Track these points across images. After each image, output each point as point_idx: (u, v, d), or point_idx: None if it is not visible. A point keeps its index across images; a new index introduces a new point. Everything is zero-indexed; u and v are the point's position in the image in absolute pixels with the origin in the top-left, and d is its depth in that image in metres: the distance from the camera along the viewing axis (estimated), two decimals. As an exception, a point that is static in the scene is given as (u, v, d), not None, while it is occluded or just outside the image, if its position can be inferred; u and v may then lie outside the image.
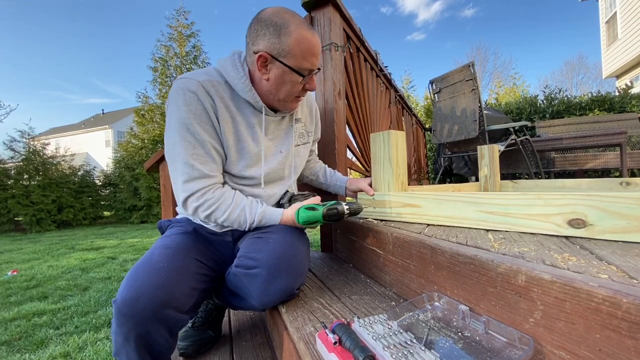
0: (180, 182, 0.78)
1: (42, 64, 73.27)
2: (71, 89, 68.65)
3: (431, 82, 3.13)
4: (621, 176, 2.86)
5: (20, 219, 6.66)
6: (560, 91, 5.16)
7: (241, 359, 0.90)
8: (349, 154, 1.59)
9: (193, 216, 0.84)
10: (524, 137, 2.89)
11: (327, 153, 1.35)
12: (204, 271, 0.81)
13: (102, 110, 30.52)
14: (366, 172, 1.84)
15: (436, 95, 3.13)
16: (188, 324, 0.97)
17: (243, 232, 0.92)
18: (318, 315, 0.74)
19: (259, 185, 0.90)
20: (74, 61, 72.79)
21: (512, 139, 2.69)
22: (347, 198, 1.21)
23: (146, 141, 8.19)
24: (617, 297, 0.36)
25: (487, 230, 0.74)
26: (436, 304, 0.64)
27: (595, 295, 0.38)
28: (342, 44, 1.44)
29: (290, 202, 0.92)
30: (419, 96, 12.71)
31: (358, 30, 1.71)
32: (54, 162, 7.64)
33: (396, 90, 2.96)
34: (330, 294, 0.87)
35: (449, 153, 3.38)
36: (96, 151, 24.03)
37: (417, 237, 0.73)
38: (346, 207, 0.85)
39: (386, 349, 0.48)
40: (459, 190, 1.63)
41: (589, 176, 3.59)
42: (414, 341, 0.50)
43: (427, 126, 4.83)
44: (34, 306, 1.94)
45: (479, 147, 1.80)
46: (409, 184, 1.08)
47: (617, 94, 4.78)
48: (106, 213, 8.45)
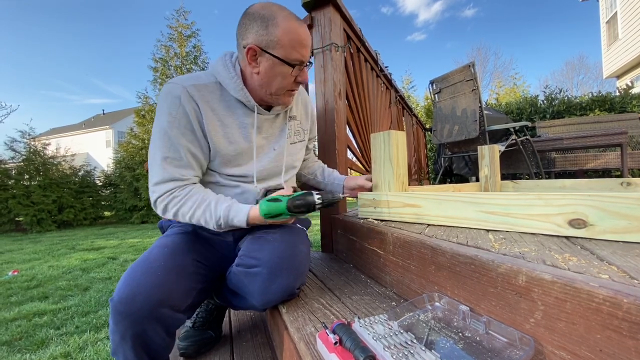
0: (152, 184, 0.79)
1: (43, 64, 73.48)
2: (72, 89, 68.86)
3: (431, 83, 3.13)
4: (622, 176, 2.86)
5: (20, 219, 6.66)
6: (560, 91, 5.15)
7: (241, 359, 0.90)
8: (349, 154, 1.59)
9: (164, 216, 0.82)
10: (525, 137, 2.89)
11: (328, 153, 1.35)
12: (202, 271, 0.81)
13: (103, 110, 30.61)
14: (366, 172, 1.84)
15: (436, 95, 3.13)
16: (188, 323, 0.97)
17: (244, 232, 0.92)
18: (318, 315, 0.74)
19: (252, 183, 0.89)
20: (75, 61, 73.02)
21: (512, 139, 2.69)
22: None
23: (146, 141, 8.19)
24: (617, 298, 0.36)
25: (488, 231, 0.74)
26: (437, 304, 0.64)
27: (596, 295, 0.38)
28: (343, 44, 1.44)
29: (265, 196, 0.87)
30: (419, 96, 12.74)
31: (358, 30, 1.71)
32: (55, 162, 7.65)
33: (396, 91, 2.96)
34: (331, 294, 0.87)
35: (450, 153, 3.38)
36: (97, 151, 24.05)
37: (417, 237, 0.73)
38: (317, 198, 0.78)
39: (387, 349, 0.48)
40: (460, 191, 1.63)
41: (589, 176, 3.59)
42: (415, 341, 0.50)
43: (427, 126, 4.83)
44: (34, 306, 1.95)
45: (479, 147, 1.80)
46: (409, 184, 1.08)
47: (617, 94, 4.78)
48: (107, 213, 8.45)
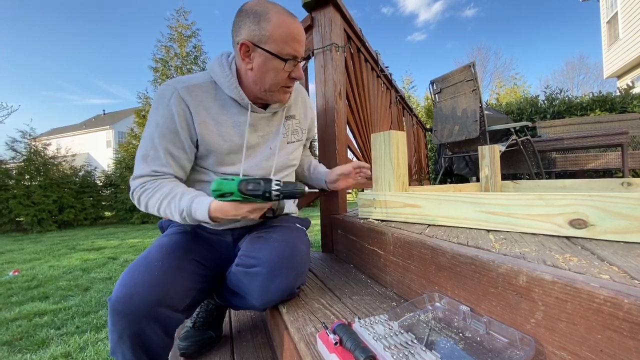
0: (131, 179, 0.81)
1: (43, 64, 73.57)
2: (72, 90, 68.92)
3: (432, 83, 3.13)
4: (623, 176, 2.85)
5: (21, 219, 6.66)
6: (561, 91, 5.15)
7: (242, 359, 0.90)
8: (349, 154, 1.59)
9: (140, 209, 0.82)
10: (525, 137, 2.89)
11: (328, 153, 1.35)
12: (201, 271, 0.81)
13: (103, 110, 30.60)
14: (367, 172, 1.84)
15: (437, 95, 3.13)
16: (189, 324, 0.97)
17: (243, 232, 0.92)
18: (319, 315, 0.74)
19: None
20: (75, 62, 73.10)
21: (513, 140, 2.69)
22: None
23: (147, 142, 8.17)
24: (618, 298, 0.36)
25: (488, 231, 0.74)
26: (437, 304, 0.64)
27: (597, 295, 0.38)
28: (343, 44, 1.44)
29: None
30: (419, 96, 12.74)
31: (359, 30, 1.71)
32: (55, 162, 7.65)
33: (397, 91, 2.96)
34: (331, 294, 0.87)
35: (450, 153, 3.38)
36: (97, 152, 24.07)
37: (418, 237, 0.73)
38: (275, 185, 0.69)
39: (387, 349, 0.48)
40: (460, 191, 1.63)
41: (590, 177, 3.58)
42: (415, 342, 0.50)
43: (427, 126, 4.83)
44: (35, 306, 1.95)
45: (479, 147, 1.80)
46: (409, 185, 1.08)
47: (618, 94, 4.78)
48: (107, 213, 8.45)
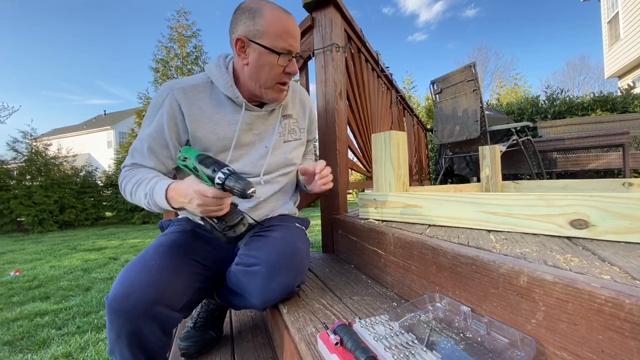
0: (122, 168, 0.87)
1: (44, 64, 73.66)
2: (73, 90, 68.99)
3: (432, 83, 3.13)
4: (624, 177, 2.85)
5: (22, 219, 6.68)
6: (562, 91, 5.15)
7: (242, 359, 0.90)
8: (350, 155, 1.59)
9: (124, 196, 0.85)
10: (526, 137, 2.89)
11: (328, 153, 1.35)
12: (199, 270, 0.81)
13: (104, 111, 30.58)
14: (367, 172, 1.84)
15: (437, 95, 3.13)
16: (189, 324, 0.97)
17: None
18: (319, 316, 0.74)
19: None
20: (76, 62, 73.18)
21: (513, 140, 2.69)
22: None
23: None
24: (619, 298, 0.36)
25: (489, 231, 0.74)
26: (438, 304, 0.64)
27: (598, 296, 0.38)
28: (343, 44, 1.44)
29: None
30: (420, 97, 12.73)
31: (359, 30, 1.71)
32: (56, 162, 7.68)
33: (397, 91, 2.96)
34: (332, 294, 0.87)
35: (451, 154, 3.38)
36: (98, 152, 24.11)
37: (418, 237, 0.73)
38: (223, 170, 0.63)
39: (388, 349, 0.48)
40: (461, 191, 1.63)
41: (591, 177, 3.58)
42: (416, 342, 0.50)
43: (428, 127, 4.82)
44: (36, 306, 1.95)
45: (480, 147, 1.80)
46: (410, 185, 1.08)
47: (619, 94, 4.77)
48: (108, 214, 8.47)
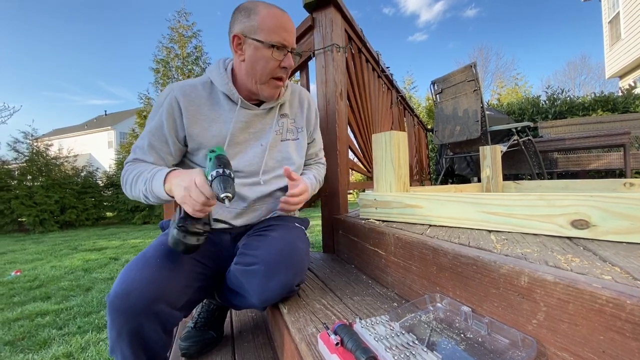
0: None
1: (45, 65, 73.83)
2: (74, 90, 69.14)
3: (433, 83, 3.13)
4: (625, 177, 2.84)
5: (23, 219, 6.69)
6: (562, 91, 5.14)
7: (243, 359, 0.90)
8: (350, 155, 1.59)
9: (125, 191, 0.88)
10: (527, 137, 2.88)
11: (329, 154, 1.35)
12: (199, 269, 0.81)
13: (105, 111, 30.60)
14: (368, 172, 1.84)
15: (438, 96, 3.12)
16: (190, 324, 0.98)
17: (242, 231, 0.92)
18: (320, 316, 0.74)
19: (238, 177, 0.88)
20: (77, 63, 73.32)
21: (514, 140, 2.68)
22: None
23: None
24: (621, 299, 0.36)
25: (490, 231, 0.74)
26: (438, 305, 0.63)
27: (599, 296, 0.38)
28: (344, 44, 1.44)
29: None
30: (420, 97, 12.69)
31: (360, 31, 1.71)
32: (57, 163, 7.69)
33: (398, 91, 2.96)
34: (332, 294, 0.87)
35: (451, 154, 3.37)
36: (99, 152, 24.16)
37: (419, 238, 0.73)
38: (213, 173, 0.64)
39: (388, 350, 0.48)
40: (461, 191, 1.62)
41: (592, 177, 3.57)
42: (416, 342, 0.50)
43: (429, 127, 4.82)
44: (37, 306, 1.96)
45: (481, 147, 1.80)
46: (410, 185, 1.08)
47: (620, 94, 4.77)
48: (109, 214, 8.47)
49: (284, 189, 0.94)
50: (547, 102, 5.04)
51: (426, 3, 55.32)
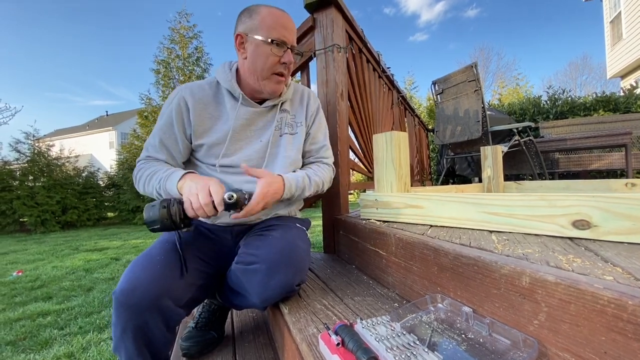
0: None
1: (47, 66, 74.08)
2: (76, 91, 69.35)
3: (434, 83, 3.13)
4: (626, 177, 2.83)
5: (25, 219, 6.71)
6: (564, 92, 5.13)
7: (244, 360, 0.90)
8: (351, 155, 1.59)
9: (138, 188, 0.90)
10: (528, 138, 2.88)
11: (330, 154, 1.35)
12: (202, 267, 0.82)
13: (106, 112, 30.67)
14: (369, 173, 1.84)
15: (439, 96, 3.12)
16: (191, 324, 0.98)
17: (243, 230, 0.93)
18: (321, 316, 0.74)
19: (238, 174, 0.89)
20: (79, 63, 73.55)
21: (515, 140, 2.68)
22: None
23: (149, 143, 8.21)
24: (622, 299, 0.36)
25: (491, 232, 0.74)
26: (439, 305, 0.63)
27: (601, 297, 0.38)
28: (345, 45, 1.44)
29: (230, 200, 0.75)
30: (421, 97, 12.66)
31: (360, 31, 1.71)
32: (59, 163, 7.70)
33: (399, 91, 2.96)
34: (333, 295, 0.87)
35: (452, 154, 3.37)
36: (100, 153, 24.22)
37: (420, 238, 0.73)
38: (230, 196, 0.72)
39: (389, 350, 0.48)
40: (462, 192, 1.62)
41: (593, 177, 3.56)
42: (417, 343, 0.50)
43: (429, 127, 4.82)
44: (38, 306, 1.96)
45: (482, 148, 1.80)
46: (411, 185, 1.08)
47: (622, 94, 4.76)
48: (110, 214, 8.48)
49: None
50: (548, 102, 5.03)
51: (427, 3, 55.35)
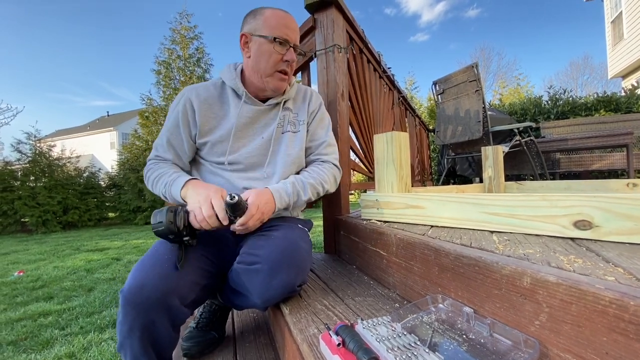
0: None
1: (48, 66, 74.18)
2: (77, 92, 69.40)
3: (434, 83, 3.13)
4: (628, 177, 2.82)
5: (26, 220, 6.72)
6: (565, 92, 5.11)
7: (244, 360, 0.90)
8: (352, 155, 1.59)
9: (147, 185, 0.95)
10: (529, 138, 2.87)
11: (330, 154, 1.35)
12: (207, 267, 0.82)
13: (107, 112, 30.70)
14: (369, 173, 1.84)
15: (439, 96, 3.12)
16: (192, 324, 0.98)
17: None
18: (321, 316, 0.74)
19: (242, 172, 0.94)
20: (80, 64, 73.64)
21: (516, 140, 2.68)
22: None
23: (150, 143, 8.24)
24: (624, 300, 0.36)
25: (492, 232, 0.74)
26: (440, 305, 0.63)
27: (602, 297, 0.38)
28: (345, 45, 1.45)
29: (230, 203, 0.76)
30: (422, 97, 12.65)
31: (361, 31, 1.71)
32: (60, 163, 7.72)
33: (399, 92, 2.96)
34: (334, 295, 0.87)
35: (453, 154, 3.37)
36: (101, 153, 24.26)
37: (420, 238, 0.73)
38: (230, 202, 0.72)
39: (390, 351, 0.48)
40: (463, 192, 1.62)
41: (595, 177, 3.56)
42: (418, 343, 0.50)
43: (430, 127, 4.82)
44: (39, 307, 1.96)
45: (483, 148, 1.80)
46: (412, 185, 1.08)
47: (623, 94, 4.74)
48: (111, 214, 8.50)
49: None
50: (549, 102, 5.02)
51: (428, 3, 55.30)
